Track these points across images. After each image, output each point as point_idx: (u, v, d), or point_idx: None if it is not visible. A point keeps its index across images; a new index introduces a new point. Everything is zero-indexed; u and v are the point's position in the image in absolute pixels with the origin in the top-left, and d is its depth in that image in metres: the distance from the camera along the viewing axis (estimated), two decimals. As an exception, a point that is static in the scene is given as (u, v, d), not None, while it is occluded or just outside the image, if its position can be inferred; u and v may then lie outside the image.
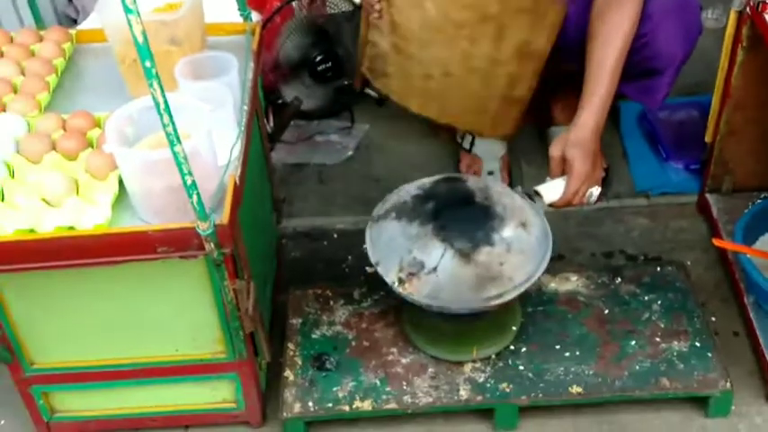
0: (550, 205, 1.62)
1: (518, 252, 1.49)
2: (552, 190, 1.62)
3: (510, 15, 1.73)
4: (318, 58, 2.24)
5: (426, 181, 1.62)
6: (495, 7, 1.72)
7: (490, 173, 2.09)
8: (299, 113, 2.30)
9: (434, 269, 1.47)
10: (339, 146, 2.29)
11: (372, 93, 2.38)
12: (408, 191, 1.61)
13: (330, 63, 2.26)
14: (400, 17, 1.81)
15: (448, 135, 2.22)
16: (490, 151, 2.10)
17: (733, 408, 1.58)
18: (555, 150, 1.62)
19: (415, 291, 1.48)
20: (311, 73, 2.25)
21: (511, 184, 2.08)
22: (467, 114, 1.96)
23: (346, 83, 2.30)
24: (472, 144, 2.10)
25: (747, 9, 1.62)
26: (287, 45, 2.24)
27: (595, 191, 1.64)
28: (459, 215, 1.51)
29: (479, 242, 1.48)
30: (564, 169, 1.61)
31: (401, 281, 1.49)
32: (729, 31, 1.70)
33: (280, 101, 2.25)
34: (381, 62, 1.93)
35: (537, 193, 1.61)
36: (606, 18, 1.65)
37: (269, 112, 2.28)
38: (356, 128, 2.34)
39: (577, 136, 1.61)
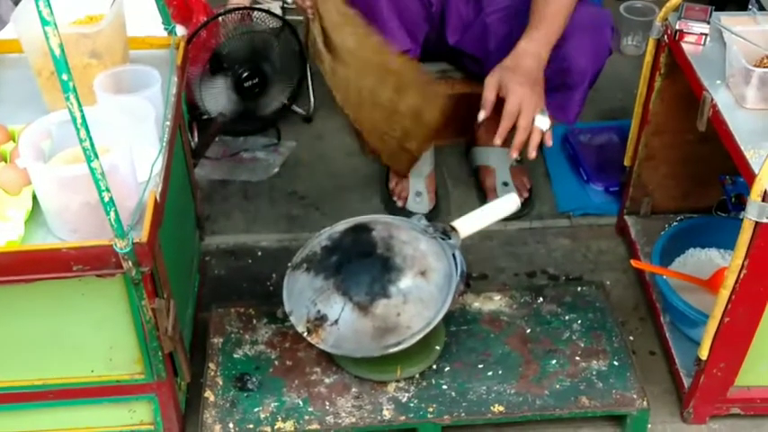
0: (516, 157, 1.62)
1: (416, 301, 1.54)
2: (468, 223, 1.63)
3: (406, 79, 1.75)
4: (245, 74, 2.22)
5: (337, 230, 1.66)
6: (395, 66, 1.74)
7: (418, 194, 2.09)
8: (225, 130, 2.28)
9: (336, 322, 1.54)
10: (265, 163, 2.27)
11: (299, 110, 2.37)
12: (320, 241, 1.65)
13: (257, 79, 2.24)
14: (326, 27, 1.81)
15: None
16: (416, 170, 2.10)
17: (650, 426, 1.62)
18: (490, 76, 1.60)
19: (321, 340, 1.55)
20: (237, 89, 2.23)
21: (436, 207, 2.10)
22: (372, 135, 1.96)
23: (275, 103, 2.29)
24: None
25: (665, 37, 1.68)
26: (216, 59, 2.21)
27: (545, 122, 1.60)
28: (359, 269, 1.57)
29: (376, 295, 1.53)
30: (499, 95, 1.60)
31: (309, 330, 1.56)
32: (648, 58, 1.74)
33: (205, 116, 2.22)
34: (316, 48, 1.92)
35: (453, 229, 1.63)
36: None
37: (193, 128, 2.25)
38: (283, 145, 2.33)
39: (513, 61, 1.59)
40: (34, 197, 1.32)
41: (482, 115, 1.65)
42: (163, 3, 1.64)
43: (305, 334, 1.57)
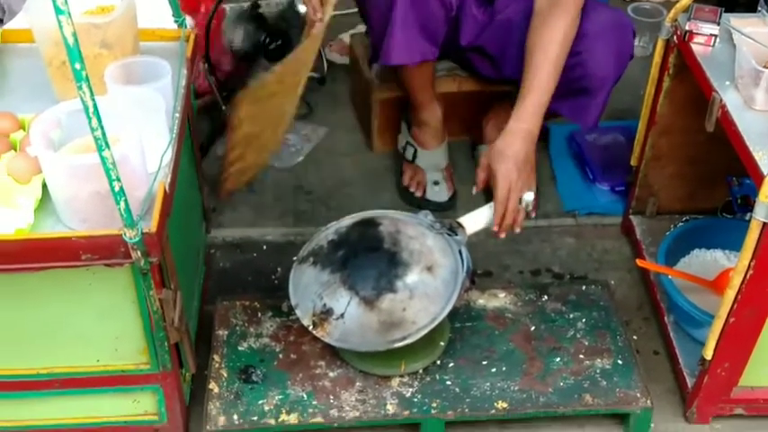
0: (495, 235, 1.64)
1: (422, 296, 1.54)
2: (474, 220, 1.63)
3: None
4: (267, 40, 2.28)
5: (344, 224, 1.66)
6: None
7: (435, 183, 2.10)
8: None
9: (342, 316, 1.55)
10: (293, 149, 2.27)
11: (313, 74, 2.38)
12: (327, 235, 1.65)
13: (280, 41, 2.29)
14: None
15: (388, 147, 2.23)
16: (433, 162, 2.11)
17: (653, 425, 1.62)
18: (482, 160, 1.64)
19: (327, 334, 1.56)
20: (265, 55, 2.28)
21: (455, 195, 2.11)
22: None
23: None
24: (415, 155, 2.12)
25: (674, 38, 1.68)
26: (234, 39, 2.28)
27: (530, 196, 1.63)
28: (365, 263, 1.57)
29: (382, 290, 1.54)
30: (488, 179, 1.63)
31: (315, 324, 1.57)
32: (656, 59, 1.75)
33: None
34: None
35: (459, 225, 1.63)
36: (543, 29, 1.68)
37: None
38: (312, 132, 2.33)
39: (503, 144, 1.62)
40: (44, 186, 1.33)
41: (475, 191, 1.70)
42: (174, -6, 1.64)
43: (310, 327, 1.57)
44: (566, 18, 1.68)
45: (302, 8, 1.91)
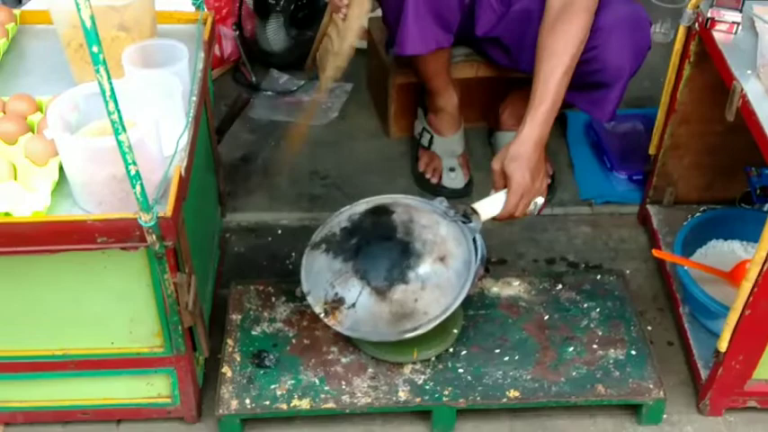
0: (494, 218, 1.63)
1: (434, 287, 1.54)
2: (489, 206, 1.62)
3: None
4: (293, 6, 2.35)
5: (358, 210, 1.65)
6: None
7: (452, 169, 2.10)
8: (285, 64, 2.41)
9: (353, 305, 1.54)
10: (324, 107, 2.30)
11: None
12: (340, 222, 1.64)
13: (306, 10, 2.36)
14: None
15: (404, 133, 2.22)
16: (449, 148, 2.11)
17: (665, 416, 1.62)
18: (496, 164, 1.63)
19: (338, 323, 1.56)
20: (291, 18, 2.35)
21: (471, 181, 2.10)
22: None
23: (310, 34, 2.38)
24: (431, 142, 2.11)
25: (696, 25, 1.66)
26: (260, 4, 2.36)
27: (539, 201, 1.64)
28: (378, 253, 1.57)
29: (394, 280, 1.53)
30: (506, 182, 1.62)
31: (326, 312, 1.57)
32: (677, 46, 1.73)
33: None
34: (326, 57, 1.92)
35: (474, 211, 1.62)
36: (555, 32, 1.66)
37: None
38: (340, 88, 2.37)
39: (518, 149, 1.61)
40: (61, 168, 1.33)
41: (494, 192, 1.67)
42: (191, -23, 1.64)
43: (321, 315, 1.57)
44: (579, 21, 1.65)
45: None
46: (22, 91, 1.48)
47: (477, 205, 1.63)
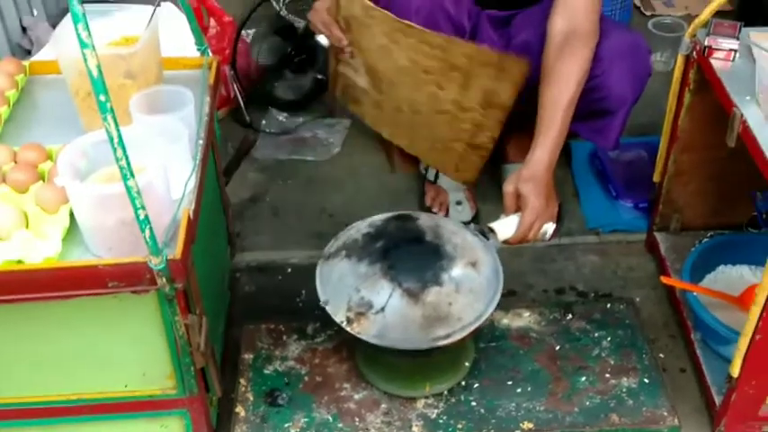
0: (505, 242, 1.63)
1: (467, 292, 1.50)
2: (506, 226, 1.63)
3: (476, 67, 1.75)
4: (293, 53, 2.42)
5: (377, 218, 1.63)
6: (461, 60, 1.75)
7: (458, 203, 2.11)
8: (285, 105, 2.47)
9: (382, 309, 1.47)
10: (326, 142, 2.35)
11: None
12: (359, 228, 1.61)
13: (304, 55, 2.43)
14: (370, 60, 1.84)
15: (410, 168, 2.24)
16: (455, 183, 2.12)
17: (680, 444, 1.61)
18: (509, 186, 1.64)
19: (363, 330, 1.48)
20: (290, 67, 2.42)
21: (477, 214, 2.11)
22: (433, 152, 1.99)
23: (319, 77, 2.46)
24: (437, 176, 2.13)
25: (694, 53, 1.68)
26: (262, 50, 2.44)
27: (550, 227, 1.65)
28: (408, 254, 1.51)
29: (428, 282, 1.48)
30: (518, 205, 1.63)
31: (350, 320, 1.49)
32: (677, 74, 1.74)
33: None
34: (353, 91, 1.95)
35: (491, 230, 1.63)
36: (561, 59, 1.69)
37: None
38: (339, 123, 2.42)
39: (531, 172, 1.63)
40: (71, 215, 1.35)
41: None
42: (196, 24, 1.67)
43: (344, 324, 1.49)
44: (584, 48, 1.69)
45: (324, 40, 1.92)
46: (33, 140, 1.51)
47: (494, 225, 1.63)
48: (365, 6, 1.76)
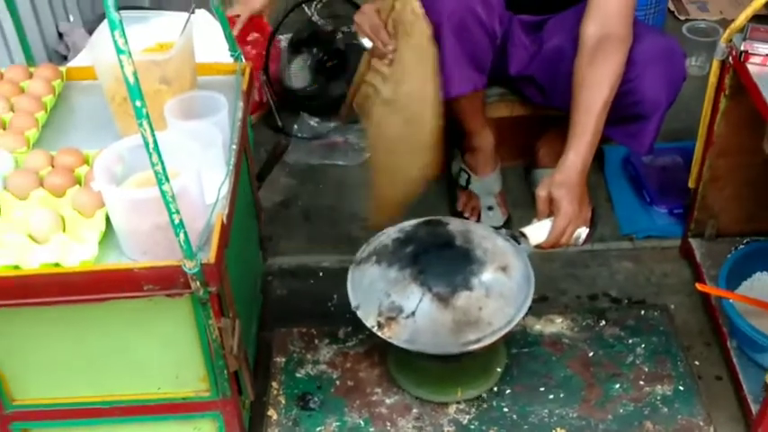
0: (537, 246, 1.62)
1: (497, 296, 1.50)
2: (538, 231, 1.63)
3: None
4: (325, 58, 2.43)
5: (407, 224, 1.63)
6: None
7: (490, 208, 2.11)
8: (309, 108, 2.47)
9: (413, 313, 1.48)
10: (357, 147, 2.36)
11: None
12: (389, 234, 1.62)
13: (336, 60, 2.44)
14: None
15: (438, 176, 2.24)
16: (486, 188, 2.12)
17: (716, 453, 1.59)
18: (542, 191, 1.63)
19: (394, 335, 1.49)
20: (318, 63, 2.44)
21: (509, 219, 2.11)
22: (387, 173, 1.97)
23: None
24: (468, 181, 2.12)
25: (730, 59, 1.66)
26: (293, 57, 2.47)
27: (583, 232, 1.64)
28: (438, 259, 1.52)
29: (458, 287, 1.49)
30: (551, 209, 1.63)
31: (380, 325, 1.50)
32: (712, 79, 1.73)
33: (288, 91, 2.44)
34: (371, 104, 1.95)
35: (523, 235, 1.62)
36: (594, 64, 1.68)
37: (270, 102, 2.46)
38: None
39: (564, 176, 1.62)
40: (107, 219, 1.37)
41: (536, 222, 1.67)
42: (229, 30, 1.69)
43: (375, 329, 1.50)
44: (617, 53, 1.68)
45: (367, 43, 1.91)
46: (70, 145, 1.52)
47: (526, 230, 1.62)
48: (416, 14, 1.76)
